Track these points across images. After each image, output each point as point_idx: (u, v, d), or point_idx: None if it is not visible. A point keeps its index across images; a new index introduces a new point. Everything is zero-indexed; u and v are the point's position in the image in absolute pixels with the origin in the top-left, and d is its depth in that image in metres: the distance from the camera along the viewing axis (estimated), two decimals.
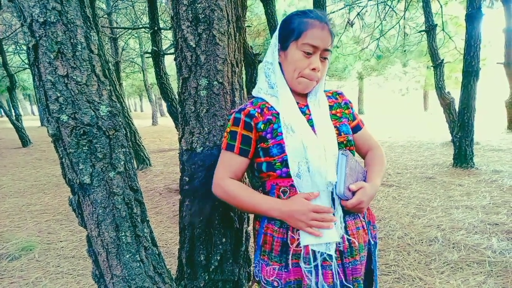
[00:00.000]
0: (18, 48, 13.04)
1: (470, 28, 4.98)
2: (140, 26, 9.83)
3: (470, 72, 5.10)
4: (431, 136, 9.33)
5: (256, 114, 1.14)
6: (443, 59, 6.83)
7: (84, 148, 1.24)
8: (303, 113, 1.16)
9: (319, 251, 1.07)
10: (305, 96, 1.20)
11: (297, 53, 1.10)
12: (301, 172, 1.09)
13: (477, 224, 3.13)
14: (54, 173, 6.40)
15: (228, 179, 1.17)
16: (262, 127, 1.14)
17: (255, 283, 1.22)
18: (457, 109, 5.72)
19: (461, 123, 5.31)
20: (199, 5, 1.37)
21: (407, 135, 9.98)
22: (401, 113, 22.04)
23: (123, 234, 1.34)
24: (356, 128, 1.28)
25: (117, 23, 11.20)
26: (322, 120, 1.15)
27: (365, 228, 1.18)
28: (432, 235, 2.95)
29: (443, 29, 7.11)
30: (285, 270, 1.12)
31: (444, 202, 3.80)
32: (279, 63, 1.17)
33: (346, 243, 1.11)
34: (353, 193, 1.08)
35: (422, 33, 7.32)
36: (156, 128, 15.99)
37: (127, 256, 1.36)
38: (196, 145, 1.48)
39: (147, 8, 6.26)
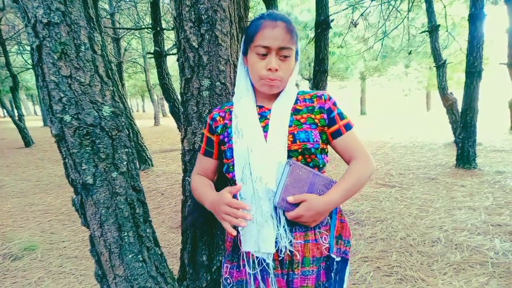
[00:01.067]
0: (21, 48, 13.09)
1: (473, 29, 4.97)
2: (143, 26, 9.85)
3: (473, 73, 5.08)
4: (433, 136, 9.31)
5: (218, 118, 1.19)
6: (445, 60, 6.82)
7: (87, 148, 1.24)
8: (264, 117, 1.13)
9: (258, 258, 1.10)
10: (274, 98, 1.15)
11: (253, 57, 1.09)
12: (245, 177, 1.08)
13: (480, 225, 3.11)
14: (57, 173, 6.42)
15: (195, 175, 1.26)
16: (219, 131, 1.18)
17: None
18: (460, 110, 5.70)
19: (463, 123, 5.30)
20: (202, 5, 1.37)
21: (409, 135, 9.96)
22: (403, 114, 22.00)
23: (125, 234, 1.35)
24: (335, 134, 1.13)
25: (119, 23, 11.22)
26: (277, 125, 1.09)
27: (319, 242, 1.10)
28: (435, 236, 2.94)
29: (447, 30, 7.10)
30: (237, 269, 1.16)
31: (447, 203, 3.79)
32: (246, 68, 1.17)
33: (288, 254, 1.08)
34: (297, 204, 1.03)
35: (426, 33, 7.31)
36: (158, 129, 16.02)
37: (130, 256, 1.36)
38: (198, 146, 1.48)
39: (149, 9, 6.27)
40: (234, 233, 1.01)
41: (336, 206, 1.10)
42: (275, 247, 1.07)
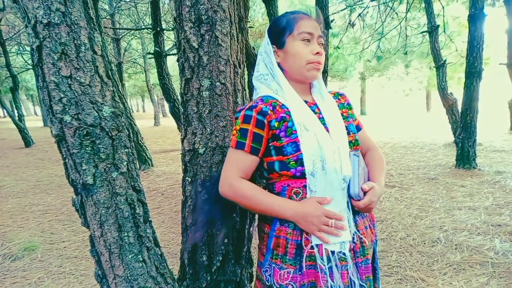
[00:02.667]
0: (21, 48, 13.09)
1: (473, 29, 4.97)
2: (143, 27, 9.85)
3: (473, 73, 5.08)
4: (433, 137, 9.31)
5: (269, 112, 1.10)
6: (445, 60, 6.82)
7: (87, 148, 1.24)
8: (313, 111, 1.17)
9: (333, 251, 1.07)
10: (310, 94, 1.22)
11: (296, 44, 1.13)
12: (315, 170, 1.07)
13: (480, 225, 3.12)
14: (57, 173, 6.42)
15: (240, 179, 1.12)
16: (276, 125, 1.10)
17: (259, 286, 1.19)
18: (460, 110, 5.70)
19: (463, 123, 5.30)
20: (202, 6, 1.37)
21: (409, 135, 9.96)
22: (403, 114, 21.99)
23: (125, 234, 1.35)
24: (357, 128, 1.30)
25: (119, 24, 11.22)
26: (334, 118, 1.17)
27: (371, 227, 1.22)
28: (435, 236, 2.94)
29: (444, 31, 7.10)
30: (299, 273, 1.09)
31: (447, 203, 3.79)
32: (278, 64, 1.18)
33: (358, 242, 1.12)
34: (364, 193, 1.09)
35: (424, 34, 7.32)
36: (158, 129, 16.02)
37: (130, 257, 1.36)
38: (198, 146, 1.48)
39: (149, 9, 6.28)
40: (329, 240, 1.06)
41: None
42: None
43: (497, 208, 3.54)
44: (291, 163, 1.09)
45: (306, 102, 1.18)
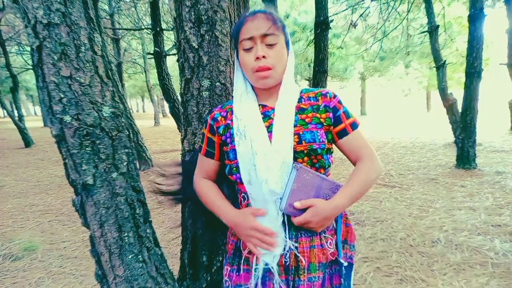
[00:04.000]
0: (21, 49, 13.09)
1: (473, 29, 4.97)
2: (143, 27, 9.86)
3: (473, 73, 5.08)
4: (433, 137, 9.31)
5: (219, 118, 1.15)
6: (445, 60, 6.82)
7: (87, 149, 1.24)
8: (268, 116, 1.09)
9: (263, 261, 1.06)
10: (276, 97, 1.10)
11: (241, 54, 1.08)
12: (252, 179, 1.05)
13: (480, 226, 3.11)
14: (57, 173, 6.42)
15: (201, 179, 1.22)
16: (221, 132, 1.14)
17: None
18: (460, 110, 5.70)
19: (463, 124, 5.30)
20: (202, 6, 1.37)
21: (409, 136, 9.96)
22: (403, 114, 22.00)
23: (125, 234, 1.35)
24: (341, 133, 1.10)
25: (119, 24, 11.22)
26: (282, 125, 1.06)
27: (325, 247, 1.08)
28: (435, 236, 2.94)
29: (445, 31, 7.10)
30: (237, 273, 1.13)
31: (447, 203, 3.79)
32: (242, 71, 1.15)
33: (293, 260, 1.05)
34: (305, 209, 1.01)
35: (425, 34, 7.32)
36: (158, 129, 16.02)
37: (130, 257, 1.36)
38: (199, 146, 1.48)
39: (149, 9, 6.28)
40: (260, 254, 1.05)
41: (343, 210, 1.08)
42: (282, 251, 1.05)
43: (497, 208, 3.54)
44: (233, 169, 1.10)
45: (265, 106, 1.12)
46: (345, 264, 1.10)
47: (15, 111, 10.67)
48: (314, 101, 1.11)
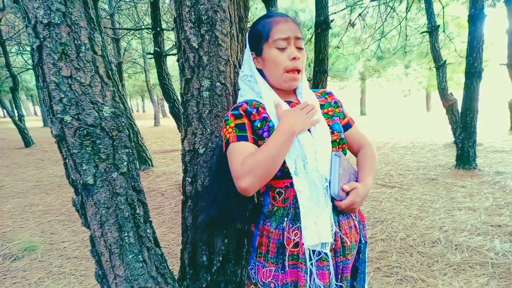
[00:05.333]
0: (21, 48, 13.08)
1: (473, 29, 4.97)
2: (143, 27, 9.85)
3: (473, 73, 5.08)
4: (433, 137, 9.31)
5: (253, 112, 1.13)
6: (445, 60, 6.82)
7: (87, 148, 1.24)
8: None
9: (314, 251, 1.07)
10: (294, 96, 1.21)
11: (272, 52, 1.11)
12: (298, 169, 1.08)
13: (480, 226, 3.12)
14: (57, 173, 6.41)
15: (243, 160, 1.05)
16: (259, 125, 1.12)
17: (252, 285, 1.19)
18: (459, 110, 5.70)
19: (463, 124, 5.30)
20: (202, 6, 1.37)
21: (409, 136, 9.96)
22: (403, 114, 22.00)
23: (126, 234, 1.35)
24: (347, 126, 1.27)
25: (119, 24, 11.22)
26: (317, 118, 1.15)
27: (357, 227, 1.18)
28: (435, 236, 2.94)
29: (444, 31, 7.11)
30: (282, 271, 1.11)
31: (447, 204, 3.79)
32: (259, 70, 1.17)
33: (339, 242, 1.11)
34: (347, 193, 1.08)
35: (424, 34, 7.32)
36: (158, 129, 16.02)
37: (130, 257, 1.36)
38: (198, 146, 1.48)
39: (149, 9, 6.28)
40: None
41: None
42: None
43: (497, 208, 3.54)
44: None
45: (290, 102, 1.17)
46: (363, 242, 1.21)
47: (15, 111, 10.66)
48: (324, 99, 1.27)
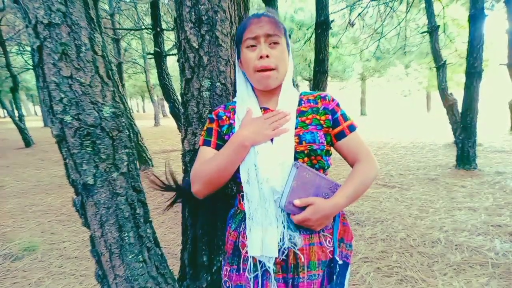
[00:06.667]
0: (22, 48, 13.09)
1: (473, 29, 4.97)
2: (143, 27, 9.86)
3: (473, 73, 5.09)
4: (434, 137, 9.31)
5: (224, 117, 1.16)
6: (445, 60, 6.83)
7: (87, 149, 1.24)
8: None
9: (260, 262, 1.06)
10: (277, 100, 1.13)
11: (244, 52, 1.09)
12: (250, 179, 1.06)
13: (480, 226, 3.12)
14: (57, 173, 6.42)
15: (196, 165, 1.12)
16: (224, 131, 1.15)
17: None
18: (460, 110, 5.71)
19: (464, 124, 5.30)
20: (202, 6, 1.37)
21: (409, 136, 9.96)
22: (403, 114, 22.00)
23: (126, 234, 1.35)
24: (339, 135, 1.12)
25: (119, 24, 11.22)
26: (283, 127, 1.09)
27: (324, 245, 1.09)
28: (435, 236, 2.94)
29: (444, 31, 7.11)
30: (237, 273, 1.12)
31: (447, 204, 3.79)
32: (243, 73, 1.17)
33: (291, 258, 1.05)
34: (304, 208, 1.01)
35: (424, 34, 7.33)
36: (158, 129, 16.02)
37: (130, 257, 1.36)
38: (198, 146, 1.48)
39: (149, 9, 6.28)
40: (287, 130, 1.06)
41: (342, 209, 1.10)
42: (279, 250, 1.03)
43: (497, 208, 3.54)
44: None
45: (266, 108, 1.14)
46: (340, 262, 1.10)
47: (16, 111, 10.66)
48: (313, 104, 1.15)
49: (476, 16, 4.91)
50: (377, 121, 16.98)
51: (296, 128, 1.09)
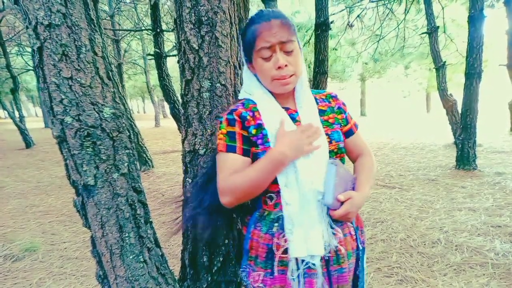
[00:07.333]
0: (22, 49, 13.10)
1: (472, 30, 4.98)
2: (143, 28, 9.87)
3: (473, 74, 5.09)
4: (433, 138, 9.31)
5: (248, 117, 1.09)
6: (445, 61, 6.83)
7: (88, 149, 1.25)
8: (294, 119, 1.12)
9: (302, 260, 1.06)
10: (293, 100, 1.15)
11: (259, 61, 1.07)
12: (289, 182, 1.06)
13: (480, 226, 3.12)
14: (57, 174, 6.42)
15: (229, 176, 1.06)
16: (253, 132, 1.09)
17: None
18: (459, 111, 5.71)
19: (463, 125, 5.30)
20: (202, 7, 1.38)
21: (409, 137, 9.96)
22: (403, 115, 22.00)
23: (126, 235, 1.35)
24: (349, 133, 1.20)
25: (119, 25, 11.23)
26: None
27: (353, 234, 1.15)
28: (435, 237, 2.94)
29: (444, 31, 7.12)
30: (271, 276, 1.10)
31: (447, 204, 3.79)
32: (255, 75, 1.14)
33: (332, 251, 1.08)
34: (342, 202, 1.05)
35: (423, 35, 7.33)
36: (158, 130, 16.02)
37: (131, 257, 1.36)
38: (199, 147, 1.49)
39: (149, 10, 6.29)
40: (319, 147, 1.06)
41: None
42: (324, 248, 1.06)
43: (497, 209, 3.54)
44: None
45: (287, 109, 1.13)
46: (360, 248, 1.18)
47: (16, 112, 10.66)
48: (327, 103, 1.20)
49: (475, 17, 4.91)
50: (377, 122, 16.98)
51: (323, 127, 1.13)
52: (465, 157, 5.29)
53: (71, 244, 3.16)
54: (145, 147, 6.36)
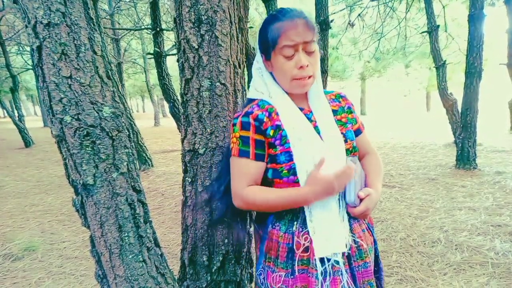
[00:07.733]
0: (21, 49, 13.08)
1: (473, 29, 4.97)
2: (142, 27, 9.85)
3: (473, 73, 5.09)
4: (433, 137, 9.31)
5: (265, 119, 1.07)
6: (445, 60, 6.83)
7: (87, 149, 1.24)
8: (309, 119, 1.11)
9: (325, 257, 1.05)
10: (306, 100, 1.15)
11: (279, 59, 1.05)
12: None
13: (480, 226, 3.12)
14: (57, 173, 6.42)
15: (246, 188, 1.08)
16: (271, 133, 1.07)
17: None
18: (459, 110, 5.71)
19: (463, 124, 5.30)
20: (202, 6, 1.37)
21: (409, 136, 9.96)
22: (403, 114, 21.99)
23: (126, 234, 1.35)
24: (357, 132, 1.22)
25: (119, 24, 11.22)
26: (329, 127, 1.12)
27: (369, 229, 1.18)
28: (435, 236, 2.94)
29: (445, 30, 7.11)
30: (292, 276, 1.08)
31: (447, 204, 3.79)
32: (270, 73, 1.13)
33: (354, 246, 1.10)
34: (360, 199, 1.07)
35: (424, 34, 7.32)
36: (158, 129, 16.01)
37: (130, 257, 1.36)
38: (198, 146, 1.48)
39: (149, 9, 6.28)
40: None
41: None
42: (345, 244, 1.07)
43: (497, 208, 3.54)
44: (283, 171, 1.07)
45: (302, 109, 1.13)
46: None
47: (15, 111, 10.66)
48: (338, 103, 1.22)
49: (475, 16, 4.91)
50: (377, 121, 16.97)
51: (338, 126, 1.15)
52: (465, 156, 5.29)
53: (70, 244, 3.16)
54: (145, 146, 6.36)
